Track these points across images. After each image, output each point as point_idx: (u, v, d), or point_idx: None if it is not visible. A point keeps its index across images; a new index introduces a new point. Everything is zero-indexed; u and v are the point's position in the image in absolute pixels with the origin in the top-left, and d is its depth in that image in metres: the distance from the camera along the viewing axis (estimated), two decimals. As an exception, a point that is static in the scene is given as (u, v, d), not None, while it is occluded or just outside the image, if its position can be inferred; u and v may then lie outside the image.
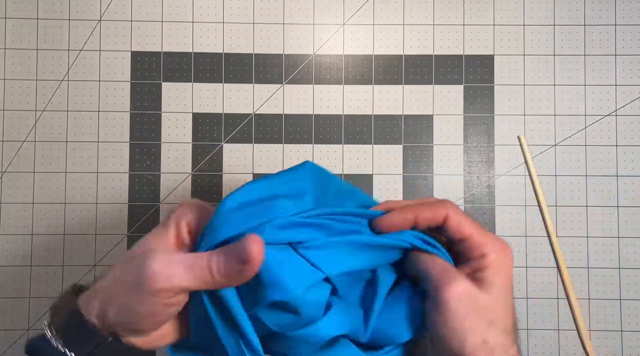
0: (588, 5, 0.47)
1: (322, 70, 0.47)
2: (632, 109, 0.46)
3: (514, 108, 0.46)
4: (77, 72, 0.46)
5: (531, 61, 0.47)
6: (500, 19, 0.47)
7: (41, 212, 0.45)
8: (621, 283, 0.46)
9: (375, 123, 0.46)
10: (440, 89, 0.47)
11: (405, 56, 0.47)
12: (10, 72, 0.46)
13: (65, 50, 0.46)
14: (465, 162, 0.46)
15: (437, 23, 0.47)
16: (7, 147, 0.46)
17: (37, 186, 0.46)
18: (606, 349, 0.45)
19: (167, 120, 0.46)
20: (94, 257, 0.45)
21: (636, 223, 0.46)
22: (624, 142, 0.46)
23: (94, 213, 0.46)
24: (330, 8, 0.47)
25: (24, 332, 0.45)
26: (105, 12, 0.46)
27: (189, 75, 0.46)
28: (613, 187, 0.46)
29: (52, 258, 0.45)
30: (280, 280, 0.25)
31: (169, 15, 0.46)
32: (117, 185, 0.46)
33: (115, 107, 0.46)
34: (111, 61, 0.46)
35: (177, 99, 0.46)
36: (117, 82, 0.46)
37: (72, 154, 0.46)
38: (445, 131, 0.46)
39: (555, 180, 0.46)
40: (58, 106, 0.46)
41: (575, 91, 0.46)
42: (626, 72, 0.46)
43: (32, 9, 0.46)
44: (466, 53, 0.47)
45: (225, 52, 0.46)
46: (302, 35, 0.47)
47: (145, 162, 0.46)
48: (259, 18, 0.47)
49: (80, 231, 0.45)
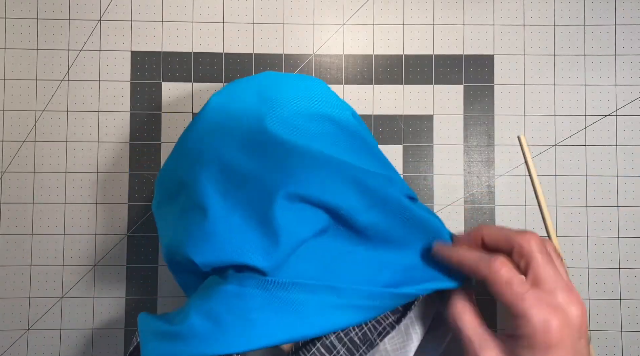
0: (588, 5, 0.47)
1: (322, 70, 0.47)
2: (632, 109, 0.46)
3: (514, 108, 0.46)
4: (77, 72, 0.46)
5: (531, 61, 0.47)
6: (500, 19, 0.47)
7: (41, 212, 0.45)
8: (621, 283, 0.46)
9: (375, 123, 0.46)
10: (440, 89, 0.47)
11: (405, 56, 0.47)
12: (10, 72, 0.46)
13: (65, 50, 0.46)
14: (465, 162, 0.46)
15: (437, 23, 0.47)
16: (7, 147, 0.46)
17: (37, 186, 0.46)
18: (606, 349, 0.45)
19: (167, 120, 0.46)
20: (94, 257, 0.45)
21: (636, 223, 0.46)
22: (624, 142, 0.46)
23: (94, 213, 0.46)
24: (330, 8, 0.47)
25: (24, 332, 0.45)
26: (105, 12, 0.46)
27: (189, 75, 0.46)
28: (613, 187, 0.46)
29: (52, 258, 0.45)
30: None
31: (169, 15, 0.46)
32: (117, 185, 0.46)
33: (115, 107, 0.46)
34: (111, 61, 0.46)
35: (177, 99, 0.46)
36: (117, 82, 0.46)
37: (72, 154, 0.46)
38: (445, 131, 0.46)
39: (555, 180, 0.46)
40: (58, 106, 0.46)
41: (575, 91, 0.46)
42: (626, 72, 0.46)
43: (32, 9, 0.46)
44: (466, 53, 0.47)
45: (225, 52, 0.46)
46: (302, 35, 0.47)
47: (145, 162, 0.46)
48: (259, 18, 0.47)
49: (80, 231, 0.45)
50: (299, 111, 0.34)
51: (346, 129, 0.35)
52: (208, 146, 0.33)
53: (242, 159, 0.32)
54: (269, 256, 0.29)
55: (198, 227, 0.31)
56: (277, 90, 0.35)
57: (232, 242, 0.30)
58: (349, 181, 0.31)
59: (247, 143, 0.32)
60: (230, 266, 0.30)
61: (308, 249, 0.31)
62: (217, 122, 0.34)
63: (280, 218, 0.30)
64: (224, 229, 0.30)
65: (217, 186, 0.32)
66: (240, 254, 0.29)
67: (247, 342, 0.27)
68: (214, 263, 0.30)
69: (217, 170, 0.32)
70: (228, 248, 0.30)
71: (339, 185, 0.31)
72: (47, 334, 0.45)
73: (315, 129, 0.33)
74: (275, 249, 0.29)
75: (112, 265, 0.45)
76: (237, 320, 0.28)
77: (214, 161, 0.32)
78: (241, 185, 0.31)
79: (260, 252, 0.29)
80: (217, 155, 0.32)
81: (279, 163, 0.31)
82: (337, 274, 0.30)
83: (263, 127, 0.32)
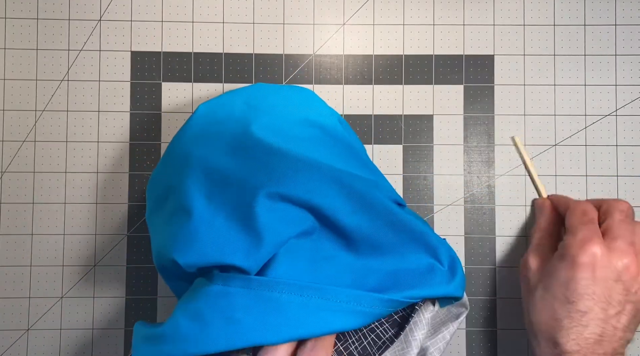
0: (588, 5, 0.47)
1: (322, 70, 0.47)
2: (632, 109, 0.46)
3: (514, 108, 0.46)
4: (77, 72, 0.46)
5: (531, 61, 0.47)
6: (500, 19, 0.47)
7: (41, 212, 0.45)
8: (621, 283, 0.46)
9: (375, 123, 0.46)
10: (440, 89, 0.47)
11: (405, 56, 0.47)
12: (10, 72, 0.46)
13: (65, 50, 0.46)
14: (465, 162, 0.46)
15: (437, 23, 0.47)
16: (7, 147, 0.46)
17: (37, 186, 0.46)
18: (606, 349, 0.45)
19: (167, 120, 0.46)
20: (94, 257, 0.45)
21: (636, 223, 0.46)
22: (624, 142, 0.46)
23: (94, 213, 0.46)
24: (330, 8, 0.47)
25: (24, 332, 0.45)
26: (105, 12, 0.46)
27: (189, 75, 0.46)
28: (613, 187, 0.46)
29: (51, 258, 0.45)
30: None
31: (169, 15, 0.46)
32: (117, 185, 0.46)
33: (115, 107, 0.46)
34: (111, 61, 0.46)
35: (177, 99, 0.46)
36: (117, 82, 0.46)
37: (72, 154, 0.46)
38: (445, 131, 0.46)
39: (555, 180, 0.46)
40: (58, 106, 0.46)
41: (575, 91, 0.46)
42: (626, 72, 0.46)
43: (32, 9, 0.46)
44: (466, 53, 0.47)
45: (225, 52, 0.46)
46: (302, 36, 0.47)
47: (145, 163, 0.46)
48: (259, 18, 0.47)
49: (80, 231, 0.45)
50: (285, 117, 0.35)
51: (332, 134, 0.35)
52: (195, 151, 0.34)
53: (227, 162, 0.32)
54: (251, 256, 0.29)
55: (182, 229, 0.31)
56: (264, 98, 0.36)
57: (214, 242, 0.30)
58: (333, 183, 0.32)
59: (233, 147, 0.33)
60: (214, 266, 0.30)
61: (294, 250, 0.31)
62: (204, 128, 0.35)
63: (263, 217, 0.30)
64: (207, 229, 0.30)
65: (202, 189, 0.32)
66: (222, 254, 0.30)
67: (231, 341, 0.27)
68: (197, 263, 0.30)
69: (202, 173, 0.32)
70: (210, 248, 0.30)
71: (324, 186, 0.31)
72: (47, 334, 0.45)
73: (300, 133, 0.33)
74: (258, 248, 0.30)
75: (112, 265, 0.45)
76: (222, 319, 0.28)
77: (200, 165, 0.33)
78: (226, 187, 0.32)
79: (242, 251, 0.30)
80: (204, 159, 0.33)
81: (262, 164, 0.31)
82: (323, 277, 0.30)
83: (249, 132, 0.32)
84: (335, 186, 0.32)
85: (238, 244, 0.30)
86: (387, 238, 0.33)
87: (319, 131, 0.35)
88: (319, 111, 0.37)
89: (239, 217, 0.31)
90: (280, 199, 0.31)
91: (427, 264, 0.32)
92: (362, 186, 0.32)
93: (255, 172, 0.31)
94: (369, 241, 0.32)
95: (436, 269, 0.32)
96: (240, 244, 0.30)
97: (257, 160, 0.32)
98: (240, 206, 0.31)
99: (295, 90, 0.38)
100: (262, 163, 0.31)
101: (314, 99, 0.38)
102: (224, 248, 0.30)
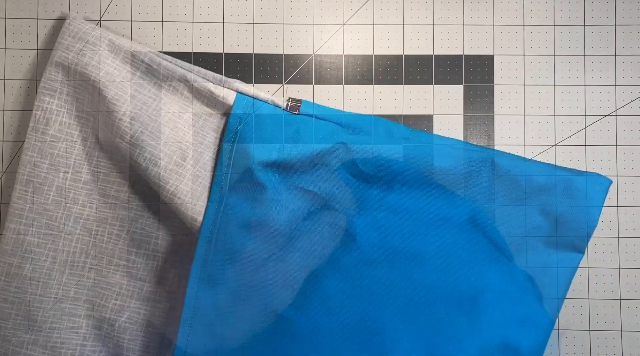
0: (588, 5, 0.47)
1: (322, 70, 0.47)
2: (632, 109, 0.46)
3: (514, 108, 0.46)
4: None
5: (531, 61, 0.47)
6: (500, 19, 0.47)
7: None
8: (621, 283, 0.46)
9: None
10: (440, 89, 0.47)
11: (405, 56, 0.47)
12: (10, 71, 0.46)
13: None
14: (465, 162, 0.46)
15: (437, 23, 0.47)
16: (7, 147, 0.46)
17: (37, 186, 0.45)
18: (606, 349, 0.45)
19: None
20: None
21: (636, 223, 0.46)
22: (624, 142, 0.46)
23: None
24: (330, 8, 0.47)
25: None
26: (105, 12, 0.46)
27: (189, 75, 0.46)
28: (613, 187, 0.46)
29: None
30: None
31: (169, 15, 0.46)
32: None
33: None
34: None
35: (177, 99, 0.46)
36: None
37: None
38: (445, 131, 0.46)
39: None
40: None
41: (575, 91, 0.46)
42: (626, 72, 0.46)
43: (32, 9, 0.46)
44: (466, 53, 0.47)
45: (225, 52, 0.46)
46: (302, 36, 0.47)
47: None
48: (259, 18, 0.47)
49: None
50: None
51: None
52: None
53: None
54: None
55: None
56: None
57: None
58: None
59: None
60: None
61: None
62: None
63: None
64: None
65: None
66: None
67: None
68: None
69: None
70: None
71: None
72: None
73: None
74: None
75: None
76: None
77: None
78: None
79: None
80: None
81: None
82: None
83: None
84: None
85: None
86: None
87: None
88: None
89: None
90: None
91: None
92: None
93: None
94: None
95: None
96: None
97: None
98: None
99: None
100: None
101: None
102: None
